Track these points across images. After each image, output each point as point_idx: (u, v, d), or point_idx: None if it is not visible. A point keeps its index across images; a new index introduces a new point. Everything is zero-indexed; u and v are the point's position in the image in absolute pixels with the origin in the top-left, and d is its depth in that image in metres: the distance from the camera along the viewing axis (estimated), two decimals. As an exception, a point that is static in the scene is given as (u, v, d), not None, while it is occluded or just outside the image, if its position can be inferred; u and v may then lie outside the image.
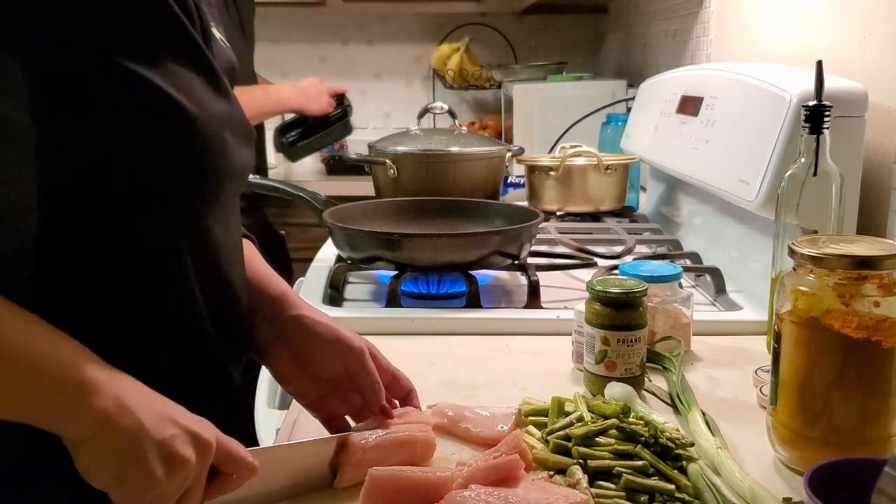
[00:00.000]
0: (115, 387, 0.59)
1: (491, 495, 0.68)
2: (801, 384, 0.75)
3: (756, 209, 1.17)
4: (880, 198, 1.13)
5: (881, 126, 1.13)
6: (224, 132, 0.69)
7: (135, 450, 0.58)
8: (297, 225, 2.66)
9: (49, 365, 0.57)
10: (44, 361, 0.57)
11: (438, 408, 0.86)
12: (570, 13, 3.36)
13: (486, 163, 1.74)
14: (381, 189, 1.75)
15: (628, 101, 2.28)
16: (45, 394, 0.57)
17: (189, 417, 0.62)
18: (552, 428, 0.81)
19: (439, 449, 0.81)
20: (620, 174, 1.77)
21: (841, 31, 1.25)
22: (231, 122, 0.71)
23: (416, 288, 1.30)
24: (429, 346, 1.11)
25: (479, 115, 3.43)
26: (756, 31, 1.62)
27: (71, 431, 0.58)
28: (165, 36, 0.65)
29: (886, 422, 0.73)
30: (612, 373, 0.92)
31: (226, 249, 0.76)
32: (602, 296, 0.93)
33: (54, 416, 0.58)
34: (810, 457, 0.70)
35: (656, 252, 1.50)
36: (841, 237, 0.81)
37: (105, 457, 0.58)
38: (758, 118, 1.21)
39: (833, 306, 0.73)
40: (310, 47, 3.41)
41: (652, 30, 2.43)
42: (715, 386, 0.98)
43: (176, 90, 0.64)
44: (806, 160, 0.96)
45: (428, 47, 3.41)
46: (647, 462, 0.74)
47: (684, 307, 1.05)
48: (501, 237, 1.25)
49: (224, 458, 0.63)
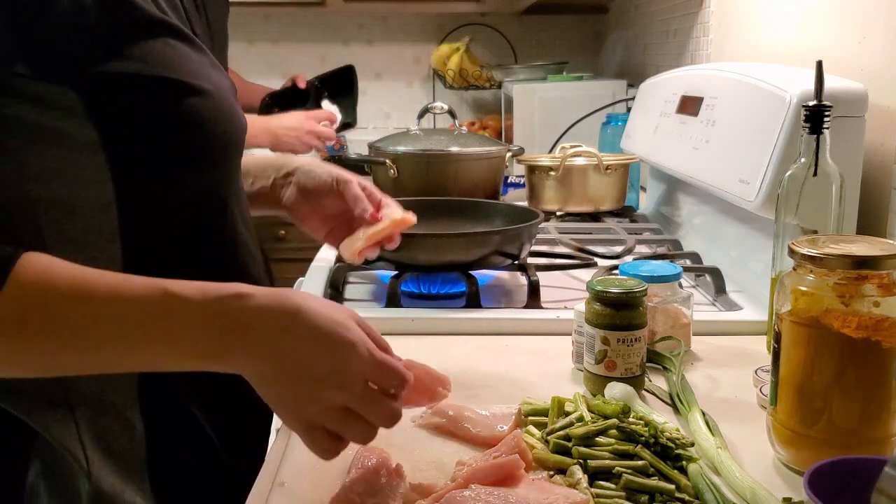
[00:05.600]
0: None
1: (491, 495, 0.68)
2: (801, 384, 0.75)
3: (756, 209, 1.17)
4: (880, 198, 1.13)
5: (881, 126, 1.13)
6: (231, 97, 0.84)
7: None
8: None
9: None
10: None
11: (438, 408, 0.86)
12: (570, 13, 3.36)
13: (486, 163, 1.74)
14: (381, 189, 1.74)
15: (628, 101, 2.28)
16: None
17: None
18: (552, 428, 0.81)
19: (440, 449, 0.81)
20: (620, 174, 1.77)
21: (841, 31, 1.25)
22: (232, 88, 0.85)
23: (417, 288, 1.30)
24: (429, 346, 1.11)
25: (479, 115, 3.43)
26: (756, 31, 1.62)
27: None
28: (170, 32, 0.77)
29: (886, 422, 0.73)
30: (612, 373, 0.92)
31: (243, 198, 0.92)
32: (602, 296, 0.93)
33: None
34: (810, 457, 0.70)
35: (656, 252, 1.50)
36: (841, 237, 0.81)
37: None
38: (758, 118, 1.21)
39: (833, 306, 0.73)
40: (310, 47, 3.41)
41: (652, 30, 2.43)
42: (715, 386, 0.98)
43: (191, 77, 0.77)
44: (806, 160, 0.96)
45: (428, 47, 3.41)
46: (647, 462, 0.74)
47: (684, 307, 1.05)
48: (501, 237, 1.25)
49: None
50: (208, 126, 0.79)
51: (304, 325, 0.66)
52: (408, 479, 0.75)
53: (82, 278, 0.66)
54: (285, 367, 0.66)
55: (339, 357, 0.66)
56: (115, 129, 0.73)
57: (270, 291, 0.68)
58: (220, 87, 0.82)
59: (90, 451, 0.77)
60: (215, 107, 0.79)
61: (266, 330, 0.66)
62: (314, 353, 0.66)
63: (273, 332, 0.66)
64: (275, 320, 0.66)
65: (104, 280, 0.66)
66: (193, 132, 0.78)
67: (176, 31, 0.78)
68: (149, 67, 0.74)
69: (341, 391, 0.66)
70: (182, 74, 0.76)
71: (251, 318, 0.66)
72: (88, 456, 0.77)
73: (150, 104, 0.75)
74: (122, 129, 0.74)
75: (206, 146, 0.80)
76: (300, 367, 0.66)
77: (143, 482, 0.80)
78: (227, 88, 0.84)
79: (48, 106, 0.71)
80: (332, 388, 0.66)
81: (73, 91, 0.71)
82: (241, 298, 0.66)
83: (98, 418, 0.78)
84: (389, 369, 0.68)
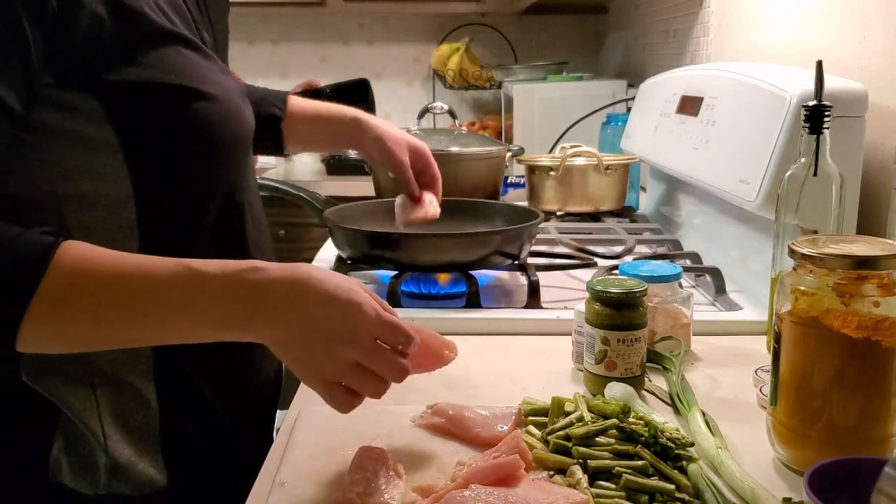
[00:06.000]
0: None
1: (491, 495, 0.68)
2: (801, 384, 0.75)
3: (756, 209, 1.17)
4: (880, 198, 1.13)
5: (881, 126, 1.13)
6: (238, 100, 0.91)
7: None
8: (297, 225, 2.66)
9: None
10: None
11: (438, 408, 0.86)
12: (570, 13, 3.36)
13: (486, 163, 1.74)
14: (382, 189, 1.75)
15: (628, 101, 2.28)
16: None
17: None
18: (552, 428, 0.81)
19: (440, 449, 0.81)
20: (620, 174, 1.77)
21: (841, 31, 1.25)
22: (239, 91, 0.92)
23: (417, 288, 1.30)
24: (429, 346, 1.11)
25: (479, 115, 3.43)
26: (756, 31, 1.62)
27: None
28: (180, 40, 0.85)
29: (886, 422, 0.73)
30: (612, 373, 0.92)
31: (253, 192, 0.98)
32: (602, 296, 0.93)
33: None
34: (810, 457, 0.70)
35: (656, 252, 1.50)
36: (841, 237, 0.81)
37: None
38: (758, 118, 1.21)
39: (833, 306, 0.73)
40: (310, 47, 3.41)
41: (652, 30, 2.43)
42: (715, 386, 0.98)
43: (199, 82, 0.84)
44: (806, 160, 0.96)
45: (428, 47, 3.41)
46: (647, 462, 0.74)
47: (684, 307, 1.05)
48: (501, 237, 1.25)
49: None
50: (216, 128, 0.86)
51: (316, 291, 0.72)
52: (408, 479, 0.75)
53: (113, 262, 0.72)
54: (301, 330, 0.72)
55: (348, 316, 0.72)
56: (131, 132, 0.81)
57: (282, 265, 0.74)
58: (228, 90, 0.89)
59: (108, 426, 0.84)
60: (223, 109, 0.87)
61: (281, 298, 0.72)
62: (326, 316, 0.72)
63: (288, 300, 0.72)
64: (289, 289, 0.72)
65: (133, 262, 0.73)
66: (203, 133, 0.85)
67: (186, 41, 0.85)
68: (161, 75, 0.81)
69: (353, 347, 0.72)
70: (191, 81, 0.84)
71: (267, 288, 0.72)
72: (106, 431, 0.84)
73: (162, 108, 0.82)
74: (138, 131, 0.81)
75: (215, 146, 0.87)
76: (314, 329, 0.72)
77: (157, 455, 0.87)
78: (234, 91, 0.91)
79: (72, 112, 0.78)
80: (344, 345, 0.72)
81: (94, 98, 0.78)
82: (257, 271, 0.72)
83: (116, 396, 0.85)
84: (395, 327, 0.74)
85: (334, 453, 0.79)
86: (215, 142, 0.87)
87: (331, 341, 0.72)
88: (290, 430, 0.86)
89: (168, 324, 0.73)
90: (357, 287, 0.75)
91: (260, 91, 1.28)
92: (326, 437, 0.82)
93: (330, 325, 0.72)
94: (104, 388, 0.85)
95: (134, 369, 0.86)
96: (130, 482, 0.85)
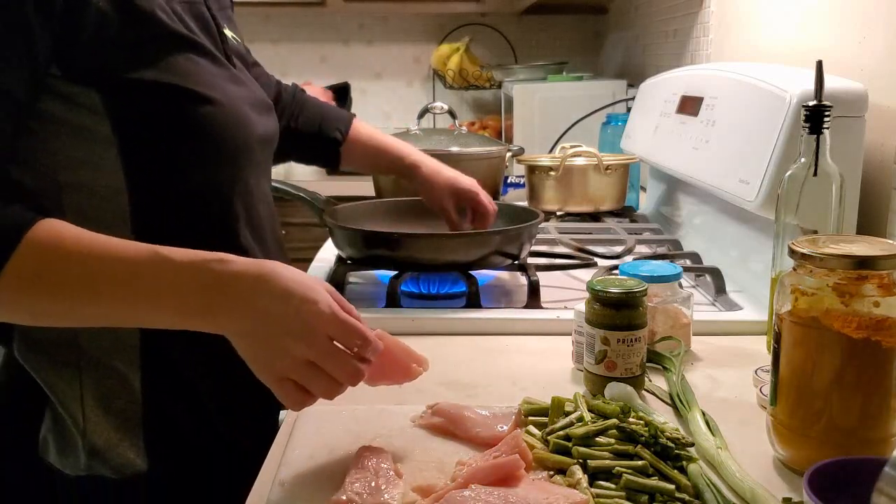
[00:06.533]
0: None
1: (491, 495, 0.68)
2: (801, 384, 0.75)
3: (756, 209, 1.17)
4: (880, 198, 1.13)
5: (881, 126, 1.13)
6: (245, 108, 0.94)
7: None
8: (297, 225, 2.66)
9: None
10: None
11: (438, 408, 0.86)
12: (570, 13, 3.36)
13: (486, 163, 1.74)
14: (381, 189, 1.75)
15: (628, 101, 2.28)
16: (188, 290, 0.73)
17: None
18: (552, 428, 0.81)
19: (440, 449, 0.81)
20: (620, 174, 1.77)
21: (841, 31, 1.25)
22: (250, 100, 0.96)
23: (417, 288, 1.30)
24: (429, 346, 1.10)
25: (479, 115, 3.43)
26: (756, 31, 1.62)
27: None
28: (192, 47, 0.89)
29: (886, 422, 0.73)
30: (612, 373, 0.92)
31: (258, 199, 1.00)
32: (602, 296, 0.93)
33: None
34: (810, 457, 0.70)
35: (656, 252, 1.50)
36: (841, 237, 0.81)
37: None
38: (758, 118, 1.21)
39: (833, 306, 0.73)
40: (310, 47, 3.41)
41: (652, 30, 2.43)
42: (715, 386, 0.98)
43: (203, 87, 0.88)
44: (806, 160, 0.96)
45: (428, 47, 3.41)
46: (647, 462, 0.74)
47: (684, 307, 1.05)
48: (501, 237, 1.25)
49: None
50: (216, 132, 0.89)
51: (277, 287, 0.73)
52: (408, 479, 0.75)
53: (86, 241, 0.74)
54: (257, 324, 0.73)
55: (302, 313, 0.73)
56: (128, 127, 0.84)
57: (249, 259, 0.75)
58: (234, 97, 0.92)
59: (89, 409, 0.87)
60: (224, 115, 0.89)
61: (243, 291, 0.73)
62: (284, 311, 0.72)
63: (249, 293, 0.73)
64: (251, 282, 0.73)
65: (104, 243, 0.74)
66: (201, 136, 0.88)
67: (196, 47, 0.89)
68: (165, 76, 0.84)
69: (307, 346, 0.72)
70: (196, 84, 0.87)
71: (230, 279, 0.73)
72: (87, 414, 0.87)
73: (162, 108, 0.85)
74: (135, 127, 0.84)
75: (212, 149, 0.90)
76: (270, 323, 0.72)
77: (138, 440, 0.89)
78: (242, 99, 0.94)
79: (74, 103, 0.82)
80: (297, 341, 0.72)
81: (95, 91, 0.82)
82: (223, 263, 0.74)
83: (101, 380, 0.88)
84: (351, 328, 0.74)
85: (334, 453, 0.79)
86: (212, 145, 0.89)
87: (286, 337, 0.72)
88: (290, 430, 0.86)
89: (127, 305, 0.74)
90: (317, 285, 0.75)
91: (328, 110, 1.37)
92: (326, 437, 0.82)
93: (285, 320, 0.72)
94: (89, 371, 0.88)
95: (121, 355, 0.89)
96: (109, 465, 0.88)
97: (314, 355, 0.73)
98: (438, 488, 0.72)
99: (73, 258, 0.73)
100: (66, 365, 0.87)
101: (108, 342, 0.88)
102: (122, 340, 0.89)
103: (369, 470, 0.74)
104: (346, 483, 0.73)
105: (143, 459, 0.89)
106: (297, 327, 0.72)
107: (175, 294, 0.73)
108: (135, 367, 0.89)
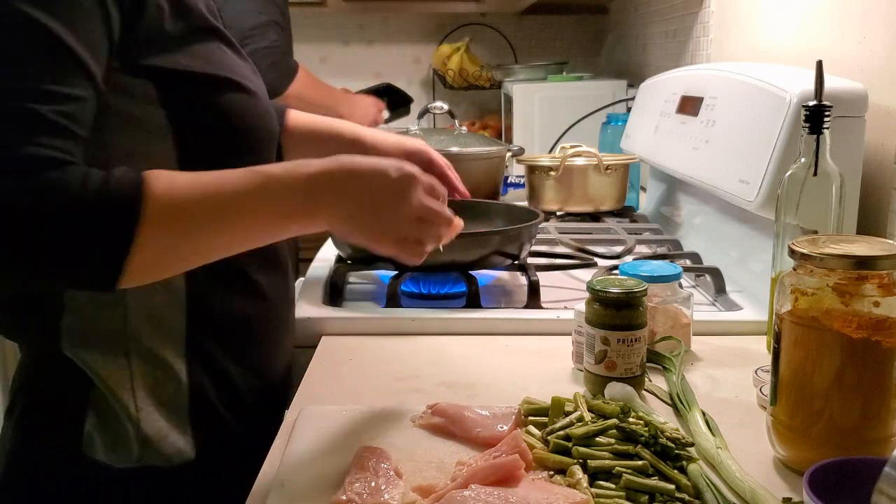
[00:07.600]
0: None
1: (491, 495, 0.68)
2: (801, 384, 0.75)
3: (756, 209, 1.17)
4: (880, 198, 1.13)
5: (881, 126, 1.13)
6: (268, 101, 0.98)
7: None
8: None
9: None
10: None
11: (438, 408, 0.86)
12: (570, 13, 3.36)
13: (486, 163, 1.74)
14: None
15: (628, 101, 2.28)
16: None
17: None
18: (552, 428, 0.81)
19: (440, 449, 0.81)
20: (620, 174, 1.77)
21: (841, 31, 1.25)
22: (266, 95, 0.99)
23: (416, 288, 1.30)
24: (429, 346, 1.11)
25: (479, 115, 3.43)
26: (756, 31, 1.62)
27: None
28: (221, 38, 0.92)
29: (886, 422, 0.73)
30: (612, 373, 0.92)
31: None
32: (602, 296, 0.93)
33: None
34: (810, 457, 0.70)
35: (656, 252, 1.50)
36: (841, 237, 0.81)
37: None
38: (758, 118, 1.21)
39: (833, 306, 0.73)
40: (310, 47, 3.41)
41: (652, 30, 2.43)
42: (715, 386, 0.98)
43: (242, 78, 0.91)
44: (806, 160, 0.96)
45: (428, 47, 3.41)
46: (647, 462, 0.74)
47: (684, 307, 1.05)
48: (501, 237, 1.25)
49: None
50: (255, 121, 0.93)
51: (364, 167, 0.84)
52: (408, 479, 0.75)
53: (199, 180, 0.79)
54: (366, 201, 0.83)
55: (401, 179, 0.84)
56: (181, 117, 0.86)
57: (323, 159, 0.84)
58: (262, 90, 0.97)
59: (140, 399, 0.88)
60: (258, 105, 0.94)
61: (336, 183, 0.83)
62: (383, 183, 0.84)
63: (346, 179, 0.83)
64: (343, 175, 0.83)
65: (212, 178, 0.79)
66: (243, 125, 0.92)
67: (225, 39, 0.92)
68: (210, 66, 0.87)
69: (412, 204, 0.85)
70: (234, 75, 0.90)
71: (321, 175, 0.82)
72: (138, 404, 0.88)
73: (211, 97, 0.88)
74: (189, 117, 0.87)
75: (248, 136, 0.93)
76: (377, 194, 0.84)
77: (186, 428, 0.91)
78: (262, 90, 0.98)
79: (132, 95, 0.83)
80: (405, 203, 0.84)
81: (151, 83, 0.84)
82: (309, 165, 0.83)
83: (150, 370, 0.89)
84: (435, 181, 0.89)
85: (334, 453, 0.79)
86: (252, 134, 0.93)
87: (391, 202, 0.84)
88: (290, 430, 0.86)
89: (253, 223, 0.81)
90: (386, 158, 0.87)
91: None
92: (326, 437, 0.82)
93: (385, 191, 0.84)
94: (138, 360, 0.89)
95: (168, 345, 0.90)
96: (162, 454, 0.89)
97: (421, 211, 0.85)
98: (438, 488, 0.72)
99: (196, 197, 0.77)
100: (117, 356, 0.88)
101: (157, 332, 0.89)
102: (169, 330, 0.90)
103: (369, 470, 0.74)
104: (346, 483, 0.73)
105: (190, 447, 0.91)
106: (399, 191, 0.84)
107: (286, 202, 0.81)
108: (181, 355, 0.91)
